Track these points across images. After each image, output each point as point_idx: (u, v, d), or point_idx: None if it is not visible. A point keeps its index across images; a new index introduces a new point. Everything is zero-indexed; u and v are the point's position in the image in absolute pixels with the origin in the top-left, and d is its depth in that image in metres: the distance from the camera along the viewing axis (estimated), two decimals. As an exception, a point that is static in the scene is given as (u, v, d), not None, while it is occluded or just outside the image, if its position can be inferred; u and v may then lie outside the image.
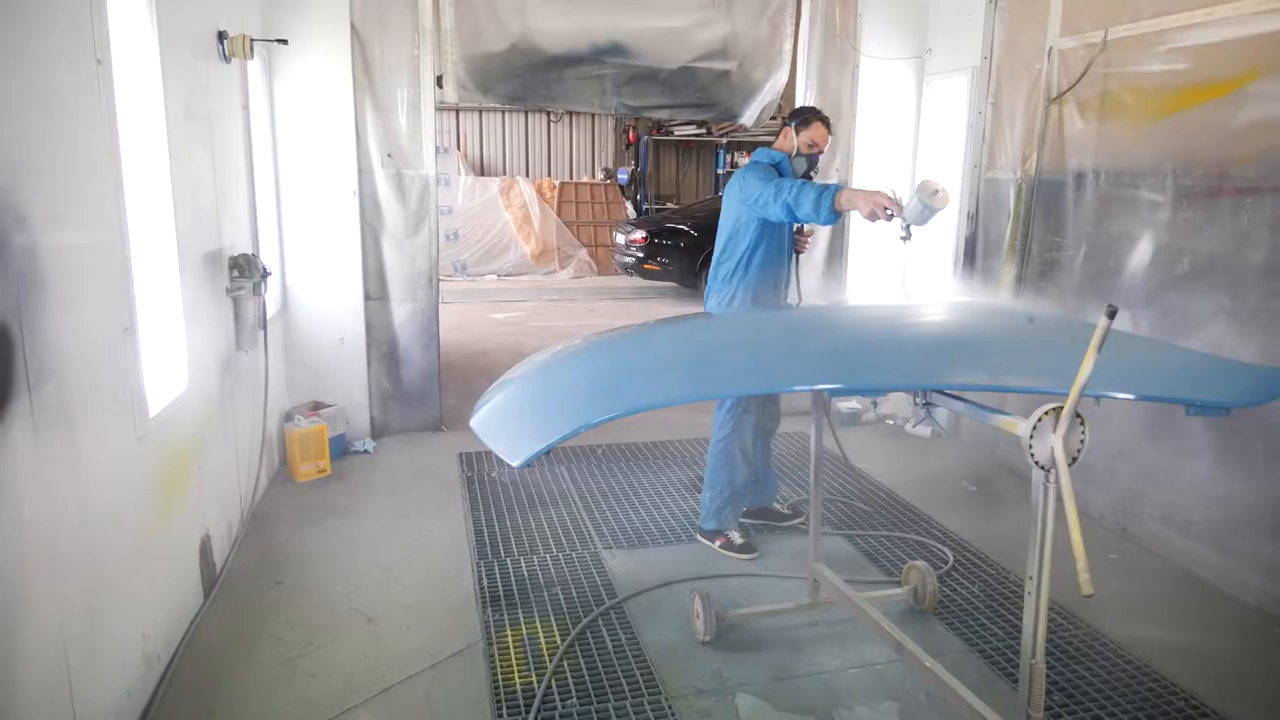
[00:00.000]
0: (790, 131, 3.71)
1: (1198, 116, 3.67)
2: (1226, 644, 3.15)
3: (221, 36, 3.63)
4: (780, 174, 3.64)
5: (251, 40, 3.75)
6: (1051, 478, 1.91)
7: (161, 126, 2.92)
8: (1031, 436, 1.90)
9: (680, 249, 11.17)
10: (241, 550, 3.70)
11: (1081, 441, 1.92)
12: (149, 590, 2.73)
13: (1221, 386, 2.32)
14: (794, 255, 3.87)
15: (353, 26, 4.69)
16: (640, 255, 11.32)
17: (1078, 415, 1.88)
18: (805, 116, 3.71)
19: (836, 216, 3.30)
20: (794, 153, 3.69)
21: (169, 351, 3.04)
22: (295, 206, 4.83)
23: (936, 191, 3.03)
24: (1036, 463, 1.91)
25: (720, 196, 4.27)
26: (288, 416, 4.73)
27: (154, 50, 2.87)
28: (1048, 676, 2.84)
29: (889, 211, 3.12)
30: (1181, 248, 3.73)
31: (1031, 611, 2.01)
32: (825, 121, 3.72)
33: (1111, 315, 1.72)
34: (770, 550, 3.83)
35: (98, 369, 2.38)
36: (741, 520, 3.94)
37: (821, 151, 3.75)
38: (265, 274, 3.91)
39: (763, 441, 3.94)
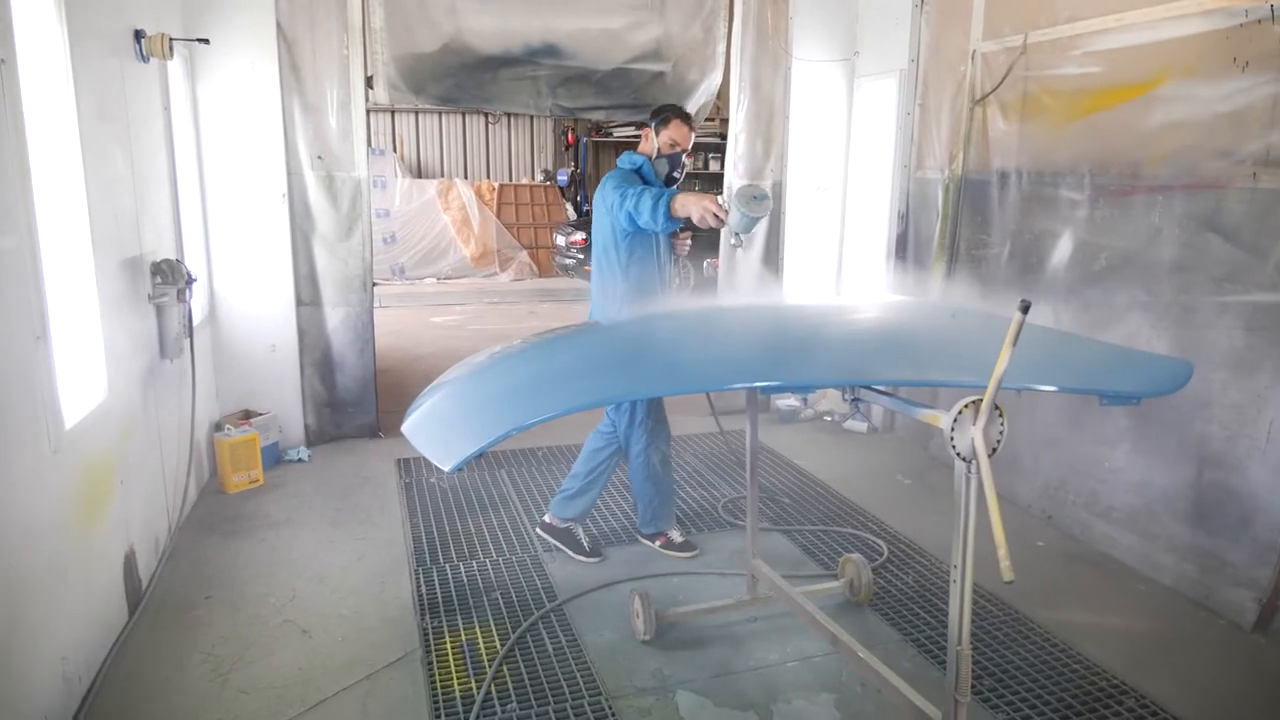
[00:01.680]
0: (651, 133, 3.59)
1: (1112, 118, 3.81)
2: (1144, 624, 3.28)
3: (138, 35, 3.52)
4: (643, 178, 3.55)
5: (170, 39, 3.64)
6: (973, 468, 1.97)
7: (74, 127, 2.82)
8: (953, 429, 1.95)
9: (621, 250, 11.18)
10: (169, 565, 3.59)
11: (1001, 433, 1.98)
12: (68, 609, 2.62)
13: (1132, 377, 2.41)
14: (673, 258, 3.76)
15: (279, 25, 4.58)
16: (581, 257, 11.31)
17: (996, 407, 1.94)
18: (664, 115, 3.56)
19: (675, 223, 3.27)
20: (655, 155, 3.56)
21: (86, 360, 2.94)
22: (222, 210, 4.71)
23: (755, 198, 3.02)
24: (958, 454, 1.97)
25: None
26: (217, 426, 4.60)
27: (63, 49, 2.77)
28: (978, 662, 2.94)
29: (718, 217, 3.11)
30: (1099, 245, 3.87)
31: (957, 599, 2.07)
32: (685, 119, 3.58)
33: (1025, 310, 1.77)
34: (710, 548, 3.86)
35: (7, 379, 2.28)
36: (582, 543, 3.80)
37: (685, 151, 3.60)
38: (190, 280, 3.80)
39: (616, 458, 3.79)
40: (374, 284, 5.23)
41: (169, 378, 3.79)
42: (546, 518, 3.85)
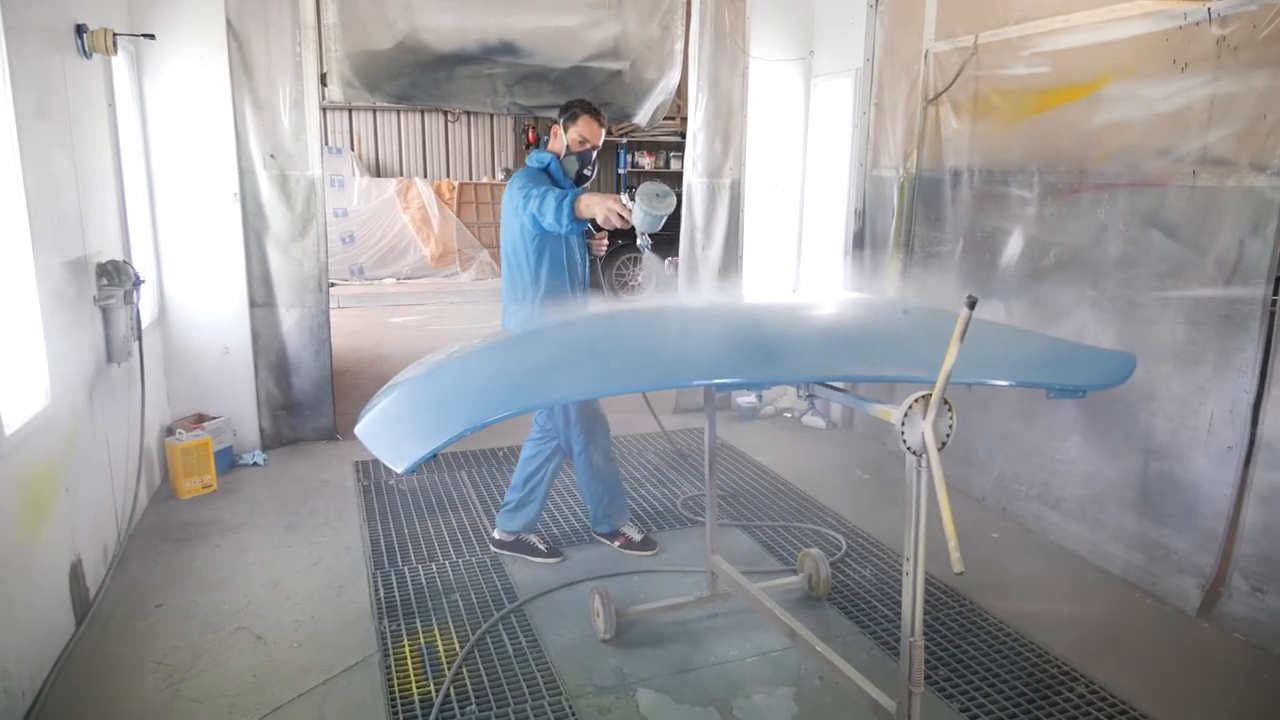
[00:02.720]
0: (559, 129, 3.47)
1: (1059, 117, 3.89)
2: (1094, 612, 3.36)
3: (80, 30, 3.43)
4: (551, 177, 3.46)
5: (114, 35, 3.55)
6: (923, 462, 2.00)
7: (10, 126, 2.74)
8: (903, 424, 1.97)
9: (582, 249, 11.16)
10: (119, 573, 3.51)
11: (950, 427, 2.01)
12: (10, 622, 2.55)
13: (1078, 371, 2.47)
14: (589, 259, 3.67)
15: (228, 22, 4.49)
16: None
17: (946, 402, 1.97)
18: (572, 111, 3.44)
19: (580, 224, 3.18)
20: (564, 152, 3.45)
21: (27, 365, 2.86)
22: (172, 210, 4.61)
23: (658, 195, 2.96)
24: (909, 448, 1.99)
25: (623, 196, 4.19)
26: (169, 430, 4.51)
27: (-1, 44, 2.69)
28: (934, 653, 2.99)
29: (623, 217, 3.04)
30: (1048, 241, 3.95)
31: (909, 591, 2.10)
32: (595, 114, 3.45)
33: (971, 306, 1.80)
34: (670, 545, 3.87)
35: (-59, 386, 2.21)
36: (502, 552, 3.77)
37: (595, 147, 3.47)
38: (138, 281, 3.72)
39: (553, 463, 3.73)
40: (331, 284, 5.16)
41: (117, 382, 3.70)
42: (496, 534, 3.78)
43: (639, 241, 3.18)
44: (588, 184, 3.57)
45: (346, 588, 3.46)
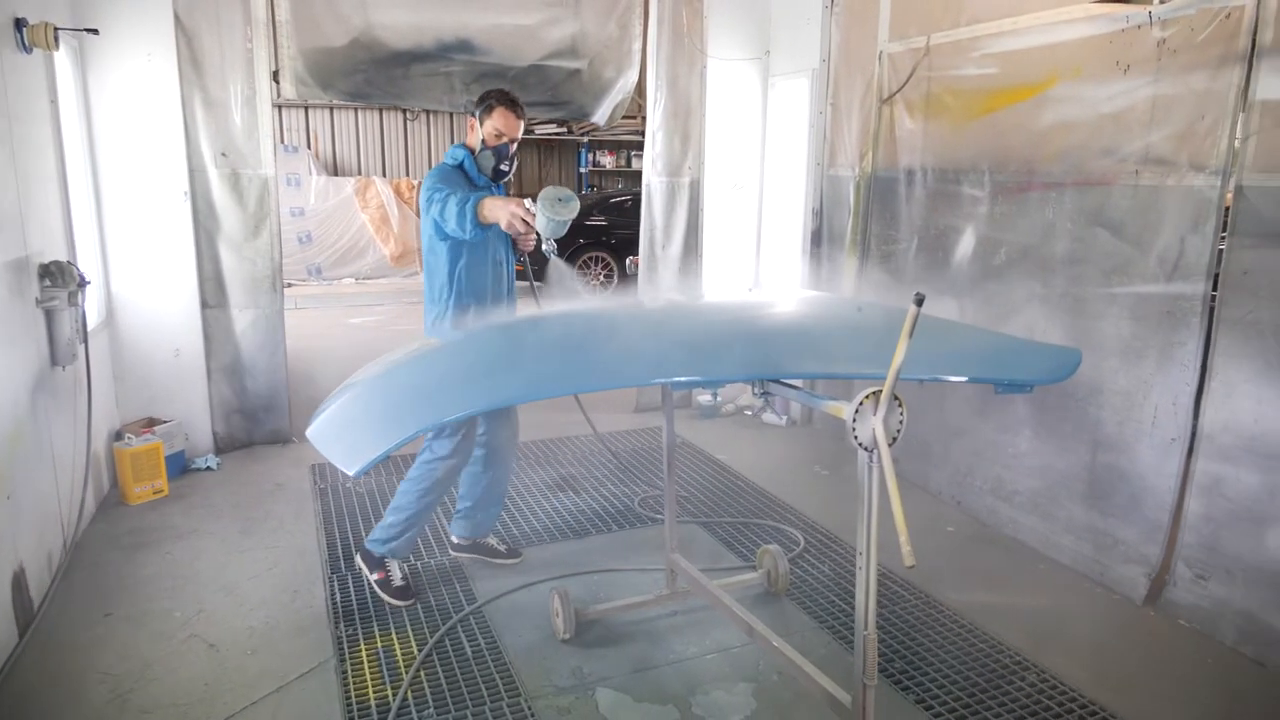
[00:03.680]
0: (475, 122, 3.29)
1: (1009, 117, 3.97)
2: (1045, 602, 3.43)
3: (19, 24, 3.33)
4: (465, 174, 3.28)
5: (56, 29, 3.46)
6: (874, 457, 2.02)
7: (-55, 123, 2.66)
8: (855, 420, 2.00)
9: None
10: (65, 582, 3.42)
11: (901, 422, 2.04)
12: (-52, 633, 2.48)
13: (1025, 366, 2.51)
14: (516, 256, 3.48)
15: (176, 16, 4.40)
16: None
17: (896, 398, 2.00)
18: (488, 103, 3.24)
19: (483, 230, 3.01)
20: (480, 147, 3.26)
21: (-35, 370, 2.77)
22: (119, 209, 4.50)
23: (559, 200, 2.86)
24: (860, 444, 2.02)
25: (584, 195, 4.15)
26: (118, 435, 4.41)
27: (-68, 38, 2.61)
28: (890, 645, 3.03)
29: (526, 222, 2.92)
30: (999, 239, 4.02)
31: (862, 585, 2.12)
32: (512, 106, 3.25)
33: (919, 303, 1.83)
34: (630, 543, 3.87)
35: None
36: (457, 555, 3.68)
37: (513, 141, 3.29)
38: (83, 282, 3.63)
39: (495, 469, 3.57)
40: (287, 285, 5.09)
41: (62, 386, 3.61)
42: (454, 539, 3.72)
43: (544, 247, 3.07)
44: (508, 178, 3.40)
45: (302, 593, 3.41)
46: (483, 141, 3.27)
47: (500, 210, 2.95)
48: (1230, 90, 3.00)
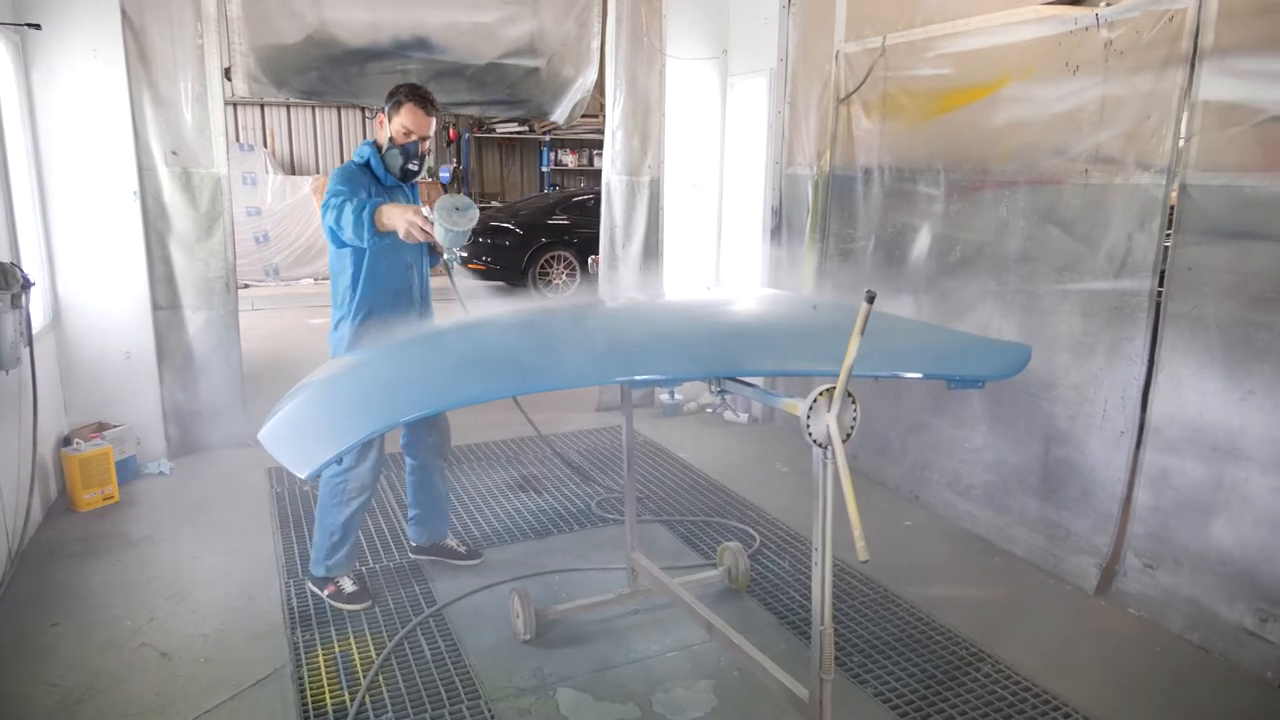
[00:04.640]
0: (384, 118, 3.12)
1: (963, 117, 4.03)
2: (999, 594, 3.49)
3: (-44, 19, 3.24)
4: (372, 173, 3.14)
5: (-5, 24, 3.37)
6: (829, 453, 2.04)
7: (-124, 119, 2.57)
8: (809, 416, 2.01)
9: (506, 247, 11.07)
10: (10, 593, 3.33)
11: (854, 418, 2.06)
12: (-117, 647, 2.40)
13: (977, 362, 2.56)
14: (429, 256, 3.33)
15: (124, 11, 4.29)
16: (465, 254, 11.12)
17: (849, 394, 2.02)
18: (396, 98, 3.08)
19: (382, 238, 2.83)
20: (388, 145, 3.11)
21: (-100, 375, 2.68)
22: (66, 209, 4.38)
23: (457, 209, 2.73)
24: (814, 440, 2.03)
25: (546, 194, 4.05)
26: (66, 440, 4.30)
27: None
28: (848, 639, 3.06)
29: (425, 231, 2.75)
30: (954, 237, 4.08)
31: (818, 580, 2.14)
32: (422, 101, 3.08)
33: (870, 300, 1.85)
34: (592, 543, 3.87)
35: None
36: (416, 557, 3.67)
37: (425, 138, 3.13)
38: (27, 284, 3.53)
39: (429, 475, 3.52)
40: (244, 286, 5.00)
41: (6, 390, 3.51)
42: (412, 542, 3.70)
43: (445, 257, 2.92)
44: (418, 178, 3.26)
45: (257, 598, 3.35)
46: (390, 139, 3.11)
47: (398, 219, 2.76)
48: (1174, 91, 3.08)
